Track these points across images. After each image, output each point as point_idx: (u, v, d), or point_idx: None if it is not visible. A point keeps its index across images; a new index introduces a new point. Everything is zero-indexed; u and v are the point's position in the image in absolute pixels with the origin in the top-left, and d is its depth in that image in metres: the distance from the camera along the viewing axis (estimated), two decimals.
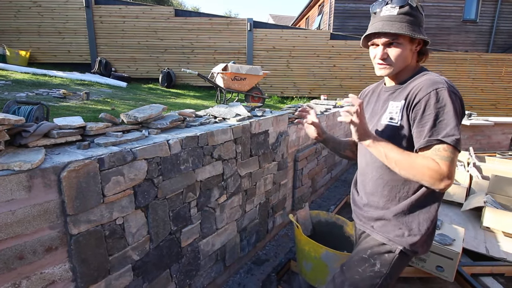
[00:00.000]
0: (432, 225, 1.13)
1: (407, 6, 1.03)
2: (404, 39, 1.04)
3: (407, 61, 1.09)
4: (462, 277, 2.16)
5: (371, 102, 1.27)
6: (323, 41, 8.53)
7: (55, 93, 4.04)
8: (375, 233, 1.18)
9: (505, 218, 2.69)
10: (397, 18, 1.04)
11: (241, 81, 5.33)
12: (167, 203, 1.57)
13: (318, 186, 3.78)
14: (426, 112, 0.99)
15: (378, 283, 1.12)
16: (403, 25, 1.03)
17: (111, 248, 1.31)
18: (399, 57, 1.07)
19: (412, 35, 1.02)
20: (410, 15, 1.04)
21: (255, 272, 2.37)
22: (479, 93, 9.00)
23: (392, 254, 1.12)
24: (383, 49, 1.07)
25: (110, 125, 1.48)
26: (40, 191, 1.04)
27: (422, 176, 0.98)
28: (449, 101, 0.97)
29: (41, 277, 1.08)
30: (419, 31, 1.05)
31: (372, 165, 1.20)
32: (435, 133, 0.98)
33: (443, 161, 0.96)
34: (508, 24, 11.45)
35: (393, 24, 1.04)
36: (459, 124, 0.98)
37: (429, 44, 1.11)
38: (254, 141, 2.25)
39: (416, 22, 1.05)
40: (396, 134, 1.08)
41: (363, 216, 1.25)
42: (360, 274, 1.15)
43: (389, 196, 1.15)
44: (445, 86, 0.99)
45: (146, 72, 8.31)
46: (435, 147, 0.98)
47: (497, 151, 5.79)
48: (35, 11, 7.77)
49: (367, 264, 1.15)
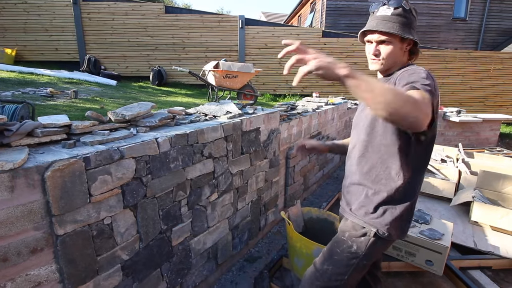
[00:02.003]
0: (406, 211, 1.19)
1: (400, 8, 1.12)
2: (394, 38, 1.13)
3: (397, 59, 1.18)
4: (451, 270, 2.20)
5: None
6: (315, 39, 8.55)
7: (42, 92, 3.96)
8: (353, 216, 1.26)
9: (492, 213, 2.75)
10: (391, 18, 1.13)
11: (233, 78, 5.30)
12: (156, 202, 1.56)
13: (310, 183, 3.79)
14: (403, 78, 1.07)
15: (355, 263, 1.20)
16: (395, 25, 1.12)
17: (99, 248, 1.29)
18: (389, 54, 1.15)
19: (402, 34, 1.11)
20: (403, 16, 1.12)
21: (247, 269, 2.36)
22: (468, 90, 9.14)
23: (367, 237, 1.20)
24: (376, 45, 1.17)
25: (97, 124, 1.45)
26: (24, 191, 1.02)
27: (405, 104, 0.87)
28: (424, 73, 1.04)
29: (27, 278, 1.06)
30: (409, 32, 1.13)
31: (357, 145, 1.27)
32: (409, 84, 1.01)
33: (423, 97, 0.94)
34: (497, 22, 11.65)
35: (386, 23, 1.12)
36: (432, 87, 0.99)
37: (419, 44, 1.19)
38: (245, 139, 2.24)
39: (407, 23, 1.13)
40: (377, 118, 1.16)
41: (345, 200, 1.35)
42: (338, 254, 1.23)
43: (369, 176, 1.21)
44: (426, 71, 1.06)
45: (137, 70, 8.20)
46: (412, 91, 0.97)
47: (486, 147, 5.91)
48: (21, 7, 7.59)
49: (345, 245, 1.23)
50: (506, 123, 8.90)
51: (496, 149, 5.62)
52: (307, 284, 1.29)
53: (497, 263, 2.36)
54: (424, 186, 3.40)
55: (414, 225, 2.30)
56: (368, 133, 1.21)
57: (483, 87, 9.11)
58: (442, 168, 3.82)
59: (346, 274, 1.21)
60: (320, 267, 1.27)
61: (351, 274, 1.21)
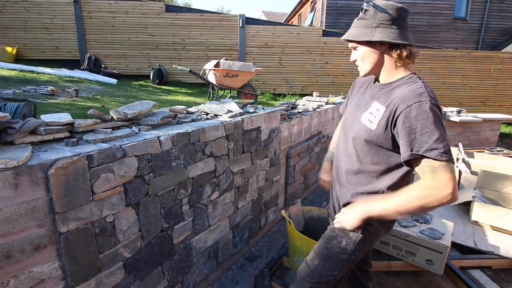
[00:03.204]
0: None
1: (362, 10, 1.13)
2: (359, 43, 1.14)
3: (374, 62, 1.15)
4: (451, 270, 2.21)
5: (360, 92, 1.33)
6: (315, 38, 8.54)
7: (43, 90, 3.96)
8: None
9: (493, 212, 2.75)
10: (356, 23, 1.14)
11: (233, 77, 5.30)
12: (158, 200, 1.56)
13: (311, 183, 3.80)
14: (406, 125, 1.01)
15: (344, 258, 1.23)
16: (357, 29, 1.12)
17: (102, 246, 1.29)
18: (362, 59, 1.16)
19: (355, 38, 1.11)
20: (363, 18, 1.12)
21: (248, 268, 2.37)
22: (469, 90, 9.13)
23: (356, 233, 1.22)
24: (352, 52, 1.20)
25: (99, 122, 1.45)
26: (27, 189, 1.02)
27: (425, 200, 0.99)
28: (431, 114, 0.98)
29: (30, 276, 1.06)
30: (369, 33, 1.09)
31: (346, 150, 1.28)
32: (416, 147, 0.99)
33: (431, 172, 0.98)
34: (497, 22, 11.64)
35: (351, 30, 1.15)
36: (443, 135, 0.98)
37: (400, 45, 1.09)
38: (246, 138, 2.25)
39: (369, 25, 1.10)
40: (369, 136, 1.14)
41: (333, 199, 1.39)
42: (328, 250, 1.26)
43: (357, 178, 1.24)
44: (428, 99, 1.00)
45: (137, 69, 8.19)
46: (422, 164, 1.00)
47: (486, 147, 5.91)
48: (21, 6, 7.57)
49: (334, 241, 1.25)
50: (506, 123, 8.90)
51: (496, 149, 5.62)
52: (299, 281, 1.30)
53: (497, 263, 2.37)
54: None
55: (415, 224, 2.30)
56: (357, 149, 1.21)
57: (484, 87, 9.11)
58: None
59: (336, 269, 1.24)
60: (311, 263, 1.29)
61: (340, 269, 1.24)
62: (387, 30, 1.08)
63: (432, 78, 8.81)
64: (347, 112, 1.36)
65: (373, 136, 1.12)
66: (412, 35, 1.11)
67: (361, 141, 1.18)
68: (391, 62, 1.13)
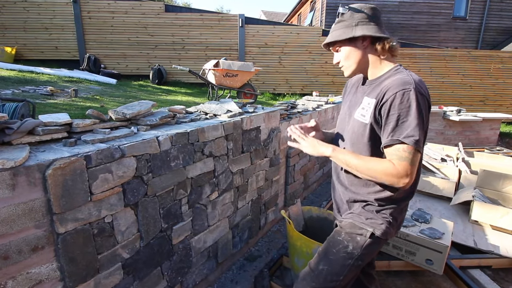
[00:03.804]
0: (401, 211, 1.23)
1: (339, 14, 1.18)
2: (341, 43, 1.18)
3: (358, 60, 1.18)
4: (451, 269, 2.20)
5: (351, 92, 1.33)
6: (315, 38, 8.54)
7: (42, 90, 3.96)
8: (348, 217, 1.27)
9: (493, 212, 2.75)
10: (335, 27, 1.19)
11: (233, 77, 5.29)
12: (157, 200, 1.56)
13: (311, 182, 3.79)
14: (391, 112, 1.05)
15: (350, 263, 1.20)
16: (338, 32, 1.17)
17: (100, 247, 1.29)
18: (346, 59, 1.19)
19: (338, 38, 1.15)
20: (342, 21, 1.17)
21: (247, 268, 2.37)
22: (468, 89, 9.13)
23: (364, 237, 1.20)
24: (335, 55, 1.24)
25: (97, 122, 1.45)
26: (25, 189, 1.02)
27: (381, 178, 1.07)
28: (414, 102, 1.02)
29: (28, 277, 1.06)
30: (350, 31, 1.14)
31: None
32: (397, 133, 1.04)
33: (401, 161, 1.03)
34: (497, 21, 11.64)
35: (332, 33, 1.19)
36: (421, 124, 1.03)
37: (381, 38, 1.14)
38: (246, 138, 2.24)
39: (349, 25, 1.15)
40: (364, 131, 1.15)
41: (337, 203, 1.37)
42: (334, 254, 1.23)
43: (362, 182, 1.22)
44: (412, 86, 1.03)
45: (136, 69, 8.19)
46: (396, 147, 1.05)
47: (486, 146, 5.91)
48: (21, 6, 7.57)
49: (340, 246, 1.22)
50: (506, 122, 8.90)
51: (496, 148, 5.62)
52: (303, 286, 1.27)
53: (497, 262, 2.36)
54: (424, 185, 3.40)
55: (415, 224, 2.30)
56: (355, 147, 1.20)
57: (483, 86, 9.10)
58: (442, 167, 3.82)
59: (342, 275, 1.20)
60: (315, 267, 1.26)
61: (346, 274, 1.21)
62: (366, 26, 1.14)
63: (432, 77, 8.81)
64: (341, 115, 1.36)
65: (368, 128, 1.13)
66: (412, 34, 1.11)
67: (358, 137, 1.18)
68: (375, 57, 1.18)
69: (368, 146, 1.15)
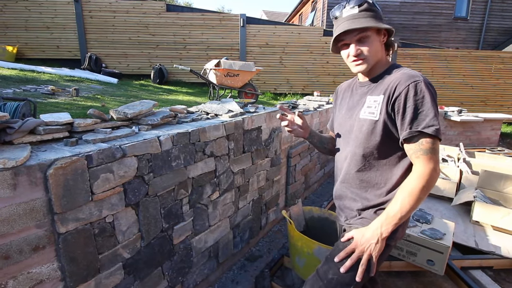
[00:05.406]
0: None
1: (365, 3, 1.10)
2: (371, 32, 1.10)
3: (379, 54, 1.15)
4: (452, 270, 2.20)
5: (346, 97, 1.31)
6: (316, 38, 8.53)
7: (44, 90, 3.96)
8: (357, 224, 1.23)
9: (494, 212, 2.74)
10: (360, 15, 1.10)
11: (234, 77, 5.29)
12: (158, 200, 1.55)
13: (312, 182, 3.79)
14: (408, 104, 1.04)
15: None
16: (367, 19, 1.09)
17: (101, 247, 1.29)
18: (371, 50, 1.12)
19: (379, 26, 1.08)
20: (370, 10, 1.10)
21: (248, 268, 2.36)
22: (470, 90, 9.10)
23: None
24: (355, 45, 1.12)
25: (99, 122, 1.45)
26: (26, 189, 1.01)
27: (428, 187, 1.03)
28: (427, 92, 1.02)
29: (29, 276, 1.06)
30: (382, 23, 1.12)
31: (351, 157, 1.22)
32: (415, 125, 1.03)
33: (425, 155, 1.02)
34: (498, 22, 11.61)
35: (359, 20, 1.09)
36: (437, 113, 1.04)
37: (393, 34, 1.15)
38: (247, 138, 2.24)
39: (377, 16, 1.12)
40: (375, 128, 1.12)
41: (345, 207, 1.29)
42: (343, 262, 1.16)
43: (369, 185, 1.19)
44: (421, 78, 1.05)
45: (138, 68, 8.19)
46: (418, 142, 1.03)
47: (487, 146, 5.90)
48: (22, 5, 7.56)
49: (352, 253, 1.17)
50: (507, 123, 8.88)
51: (497, 149, 5.61)
52: None
53: (499, 263, 2.36)
54: None
55: (416, 224, 2.29)
56: (364, 147, 1.16)
57: (484, 87, 9.08)
58: (443, 167, 3.81)
59: (352, 284, 1.13)
60: (324, 276, 1.19)
61: (356, 284, 1.13)
62: (383, 20, 1.12)
63: (433, 77, 8.78)
64: (338, 120, 1.32)
65: (379, 125, 1.10)
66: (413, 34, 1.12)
67: (365, 137, 1.14)
68: (384, 54, 1.17)
69: (379, 144, 1.12)
